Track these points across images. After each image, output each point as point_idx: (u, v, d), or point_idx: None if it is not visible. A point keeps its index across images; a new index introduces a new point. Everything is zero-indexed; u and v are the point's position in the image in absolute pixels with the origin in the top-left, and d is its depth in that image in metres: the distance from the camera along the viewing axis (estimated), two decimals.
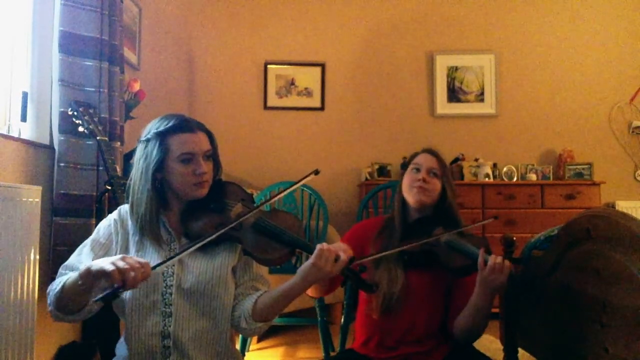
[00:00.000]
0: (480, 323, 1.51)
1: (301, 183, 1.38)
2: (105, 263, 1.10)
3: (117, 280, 1.08)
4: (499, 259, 1.39)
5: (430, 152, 1.70)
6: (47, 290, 1.24)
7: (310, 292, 1.56)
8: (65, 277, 1.20)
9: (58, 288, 1.19)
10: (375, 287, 1.33)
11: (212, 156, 1.39)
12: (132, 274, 1.09)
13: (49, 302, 1.23)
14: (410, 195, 1.62)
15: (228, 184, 1.45)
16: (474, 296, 1.47)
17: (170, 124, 1.33)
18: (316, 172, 1.34)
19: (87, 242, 1.34)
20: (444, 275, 1.55)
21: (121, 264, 1.09)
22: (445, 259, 1.50)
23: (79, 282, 1.14)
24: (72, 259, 1.31)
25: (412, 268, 1.55)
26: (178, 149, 1.31)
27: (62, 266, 1.29)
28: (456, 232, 1.54)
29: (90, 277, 1.12)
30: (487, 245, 1.52)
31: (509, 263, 1.39)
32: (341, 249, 1.28)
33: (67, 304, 1.20)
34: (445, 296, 1.61)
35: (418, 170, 1.64)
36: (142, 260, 1.13)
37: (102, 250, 1.32)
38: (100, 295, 1.09)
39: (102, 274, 1.10)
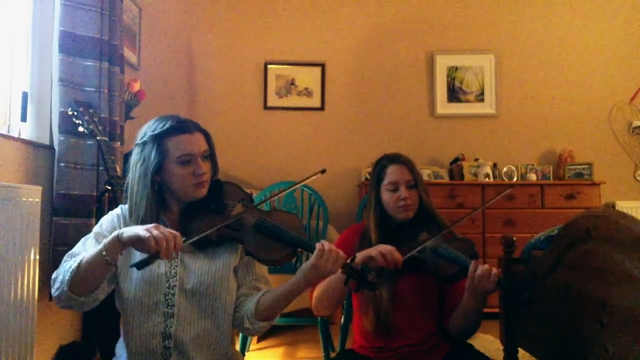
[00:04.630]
0: (473, 323, 1.52)
1: (307, 181, 1.38)
2: (139, 230, 1.13)
3: (152, 248, 1.10)
4: (486, 267, 1.39)
5: (400, 161, 1.65)
6: (53, 277, 1.23)
7: (322, 310, 1.57)
8: (80, 256, 1.21)
9: (74, 266, 1.18)
10: (378, 285, 1.34)
11: (210, 156, 1.39)
12: (166, 243, 1.11)
13: (57, 285, 1.21)
14: (396, 214, 1.61)
15: (226, 184, 1.44)
16: (463, 300, 1.47)
17: (166, 126, 1.32)
18: (323, 171, 1.35)
19: (91, 235, 1.34)
20: (433, 277, 1.55)
21: (156, 232, 1.11)
22: (432, 266, 1.49)
23: (103, 253, 1.15)
24: (78, 248, 1.31)
25: (401, 274, 1.54)
26: (176, 150, 1.31)
27: (67, 254, 1.29)
28: (440, 235, 1.53)
29: (119, 246, 1.15)
30: (474, 249, 1.51)
31: (496, 271, 1.39)
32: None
33: (82, 282, 1.19)
34: (438, 295, 1.61)
35: (396, 188, 1.61)
36: (173, 231, 1.15)
37: None
38: (137, 262, 1.12)
39: (135, 240, 1.12)
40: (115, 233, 1.17)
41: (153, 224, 1.15)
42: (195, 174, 1.32)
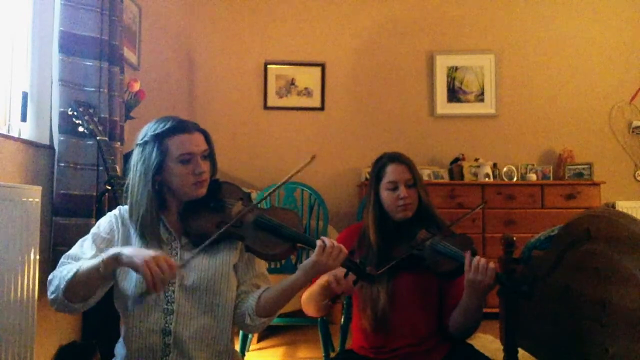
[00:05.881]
0: (473, 321, 1.51)
1: (300, 169, 1.38)
2: (138, 259, 1.15)
3: (149, 283, 1.13)
4: (483, 261, 1.39)
5: (399, 160, 1.65)
6: (50, 278, 1.25)
7: (309, 311, 1.58)
8: (77, 264, 1.22)
9: (70, 275, 1.20)
10: (376, 278, 1.35)
11: (209, 156, 1.41)
12: (161, 278, 1.14)
13: (52, 289, 1.23)
14: (395, 214, 1.61)
15: (225, 183, 1.46)
16: (463, 297, 1.47)
17: (167, 126, 1.34)
18: (312, 158, 1.36)
19: (88, 237, 1.35)
20: (432, 275, 1.55)
21: (155, 268, 1.13)
22: (431, 262, 1.49)
23: (101, 269, 1.18)
24: (75, 250, 1.32)
25: (400, 272, 1.55)
26: (177, 150, 1.33)
27: (64, 255, 1.30)
28: (439, 232, 1.53)
29: (116, 265, 1.19)
30: (472, 244, 1.51)
31: (493, 264, 1.39)
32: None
33: (77, 291, 1.21)
34: (438, 294, 1.61)
35: (395, 187, 1.61)
36: (171, 261, 1.18)
37: (104, 243, 1.33)
38: (131, 301, 1.22)
39: (132, 267, 1.16)
40: (114, 251, 1.19)
41: (152, 255, 1.16)
42: (195, 173, 1.34)
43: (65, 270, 1.23)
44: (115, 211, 1.40)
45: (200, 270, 1.34)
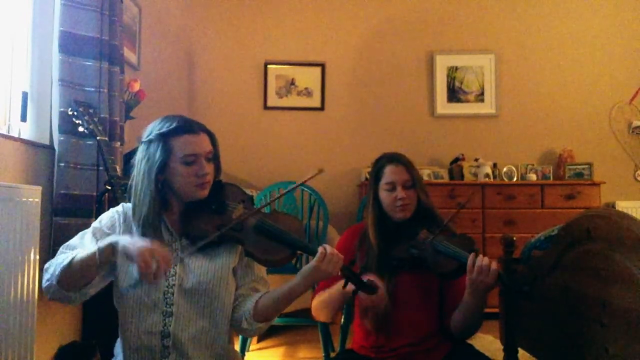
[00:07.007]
0: (474, 321, 1.51)
1: (306, 182, 1.38)
2: (133, 249, 1.14)
3: (141, 274, 1.12)
4: (486, 261, 1.38)
5: (397, 161, 1.65)
6: (46, 266, 1.24)
7: (321, 317, 1.59)
8: (74, 252, 1.22)
9: (65, 262, 1.19)
10: (375, 289, 1.34)
11: (214, 157, 1.40)
12: (155, 269, 1.12)
13: (47, 277, 1.22)
14: (393, 214, 1.62)
15: (228, 185, 1.45)
16: (464, 297, 1.47)
17: (173, 126, 1.32)
18: (321, 171, 1.36)
19: (89, 230, 1.34)
20: (433, 275, 1.55)
21: (148, 259, 1.12)
22: (432, 262, 1.49)
23: (97, 256, 1.16)
24: (75, 241, 1.31)
25: (401, 272, 1.55)
26: (181, 150, 1.31)
27: (63, 245, 1.29)
28: (440, 232, 1.53)
29: (111, 254, 1.17)
30: (474, 245, 1.51)
31: (495, 265, 1.39)
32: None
33: (72, 279, 1.20)
34: (439, 294, 1.61)
35: (393, 188, 1.62)
36: (166, 254, 1.17)
37: (104, 237, 1.32)
38: (125, 287, 1.18)
39: (127, 256, 1.15)
40: (111, 239, 1.18)
41: (148, 246, 1.15)
42: (198, 175, 1.33)
43: (61, 258, 1.22)
44: (118, 207, 1.39)
45: (200, 273, 1.33)
